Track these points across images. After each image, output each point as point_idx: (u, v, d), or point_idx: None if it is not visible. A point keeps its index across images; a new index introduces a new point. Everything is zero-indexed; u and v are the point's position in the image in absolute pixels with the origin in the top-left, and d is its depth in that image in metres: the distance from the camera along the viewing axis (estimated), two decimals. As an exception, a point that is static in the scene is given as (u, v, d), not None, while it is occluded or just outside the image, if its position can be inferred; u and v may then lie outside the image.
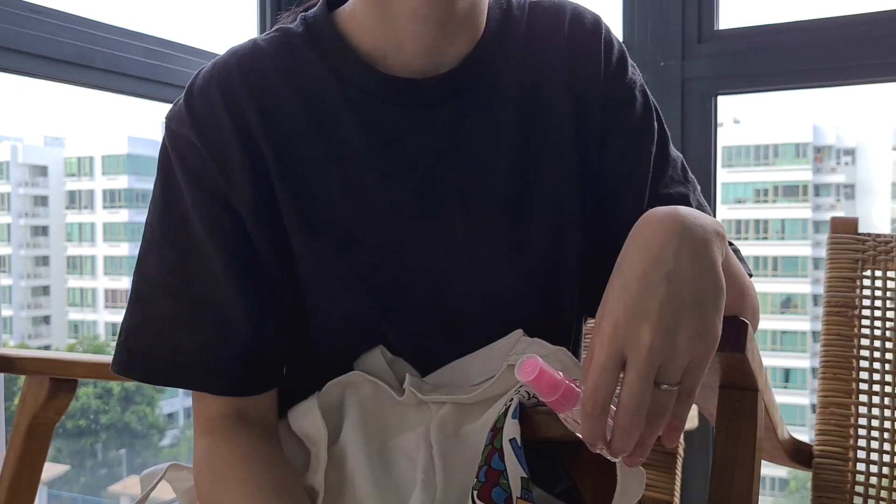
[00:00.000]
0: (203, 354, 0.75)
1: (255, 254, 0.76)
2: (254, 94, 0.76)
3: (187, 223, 0.75)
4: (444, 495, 0.71)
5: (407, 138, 0.77)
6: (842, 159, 10.41)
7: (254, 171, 0.75)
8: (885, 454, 1.09)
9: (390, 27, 0.76)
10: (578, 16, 0.81)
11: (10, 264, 12.84)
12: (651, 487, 1.14)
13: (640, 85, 0.82)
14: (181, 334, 0.75)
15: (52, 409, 1.15)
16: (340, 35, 0.78)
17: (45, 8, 1.36)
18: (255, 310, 0.76)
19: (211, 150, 0.74)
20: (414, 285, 0.78)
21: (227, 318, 0.75)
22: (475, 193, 0.78)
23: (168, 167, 0.77)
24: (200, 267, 0.75)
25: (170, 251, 0.75)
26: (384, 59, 0.77)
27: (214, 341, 0.75)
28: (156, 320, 0.75)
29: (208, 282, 0.75)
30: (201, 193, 0.75)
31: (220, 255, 0.74)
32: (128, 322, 0.77)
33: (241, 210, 0.75)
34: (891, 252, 1.14)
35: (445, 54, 0.77)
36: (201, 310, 0.75)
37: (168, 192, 0.76)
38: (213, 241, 0.74)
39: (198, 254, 0.75)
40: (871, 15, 1.44)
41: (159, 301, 0.75)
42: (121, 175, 13.91)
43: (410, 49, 0.76)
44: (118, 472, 10.04)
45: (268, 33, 0.81)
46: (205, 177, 0.75)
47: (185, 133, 0.75)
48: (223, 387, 0.76)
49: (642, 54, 1.55)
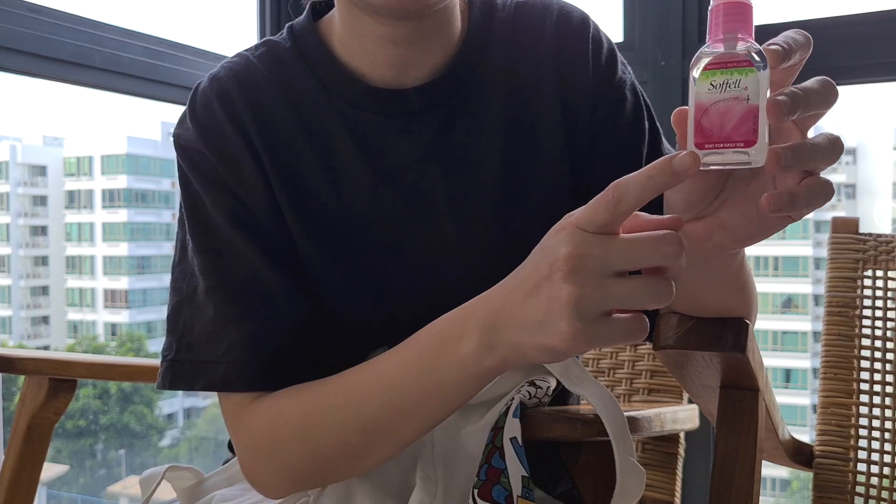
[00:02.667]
0: (254, 343, 0.73)
1: (282, 242, 0.76)
2: (250, 108, 0.77)
3: (213, 227, 0.75)
4: (445, 494, 0.71)
5: (394, 147, 0.77)
6: (843, 159, 10.41)
7: (261, 173, 0.76)
8: (886, 454, 1.09)
9: (362, 47, 0.76)
10: (566, 15, 0.81)
11: (9, 264, 12.85)
12: (651, 487, 1.14)
13: (630, 84, 0.81)
14: (230, 331, 0.74)
15: (51, 410, 1.15)
16: (325, 47, 0.79)
17: (45, 8, 1.36)
18: (294, 296, 0.75)
19: (221, 158, 0.75)
20: (408, 291, 0.78)
21: (271, 304, 0.74)
22: (464, 199, 0.78)
23: (186, 181, 0.77)
24: (234, 262, 0.75)
25: (203, 258, 0.75)
26: (363, 75, 0.78)
27: (262, 328, 0.74)
28: (207, 326, 0.74)
29: (244, 273, 0.74)
30: (220, 194, 0.75)
31: (250, 247, 0.74)
32: (180, 337, 0.76)
33: (257, 213, 0.76)
34: (892, 252, 1.14)
35: (421, 68, 0.77)
36: (244, 301, 0.74)
37: (190, 204, 0.77)
38: (241, 235, 0.75)
39: (228, 251, 0.75)
40: (871, 15, 1.44)
41: (205, 308, 0.75)
42: (120, 175, 13.93)
43: (384, 67, 0.77)
44: (117, 472, 10.05)
45: (256, 47, 0.81)
46: (219, 180, 0.76)
47: (194, 146, 0.76)
48: (275, 381, 0.74)
49: (642, 54, 1.55)
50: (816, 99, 0.51)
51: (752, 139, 0.49)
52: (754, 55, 0.50)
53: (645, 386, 1.20)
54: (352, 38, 0.77)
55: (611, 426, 0.68)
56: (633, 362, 1.22)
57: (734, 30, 0.51)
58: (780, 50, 0.51)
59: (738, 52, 0.50)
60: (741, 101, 0.49)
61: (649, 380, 1.20)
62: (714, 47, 0.51)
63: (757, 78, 0.49)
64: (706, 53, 0.51)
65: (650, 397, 1.19)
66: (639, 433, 0.78)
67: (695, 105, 0.51)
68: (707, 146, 0.50)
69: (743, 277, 0.69)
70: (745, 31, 0.51)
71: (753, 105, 0.49)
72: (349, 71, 0.77)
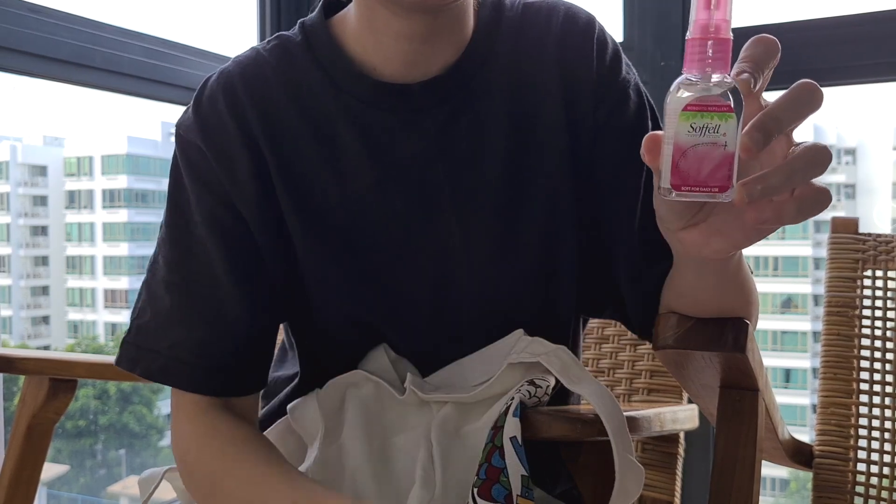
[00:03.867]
0: (200, 351, 0.76)
1: (257, 255, 0.77)
2: (256, 101, 0.77)
3: (191, 224, 0.77)
4: (444, 493, 0.71)
5: (400, 143, 0.78)
6: (842, 159, 10.41)
7: (257, 173, 0.76)
8: (886, 454, 1.09)
9: (377, 42, 0.77)
10: (572, 16, 0.81)
11: (10, 264, 12.84)
12: (651, 487, 1.14)
13: (634, 84, 0.81)
14: (180, 330, 0.76)
15: (51, 409, 1.15)
16: (335, 43, 0.79)
17: (45, 8, 1.36)
18: (253, 310, 0.77)
19: (216, 153, 0.76)
20: (411, 287, 0.79)
21: (226, 317, 0.76)
22: (468, 196, 0.78)
23: (176, 172, 0.79)
24: (201, 266, 0.76)
25: (174, 250, 0.77)
26: (374, 69, 0.78)
27: (212, 338, 0.76)
28: (158, 317, 0.77)
29: (209, 280, 0.76)
30: (205, 194, 0.76)
31: (220, 255, 0.75)
32: (135, 318, 0.78)
33: (244, 211, 0.76)
34: (891, 252, 1.14)
35: (433, 63, 0.78)
36: (200, 308, 0.76)
37: (176, 195, 0.78)
38: (214, 240, 0.75)
39: (199, 253, 0.76)
40: (871, 15, 1.43)
41: (162, 298, 0.77)
42: (120, 175, 13.92)
43: (397, 63, 0.77)
44: (117, 472, 10.04)
45: (268, 41, 0.82)
46: (209, 178, 0.76)
47: (192, 138, 0.77)
48: (218, 387, 0.77)
49: (642, 54, 1.55)
50: (791, 116, 0.51)
51: (727, 185, 0.51)
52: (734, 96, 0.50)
53: (644, 386, 1.20)
54: (367, 32, 0.77)
55: (610, 425, 0.68)
56: (632, 362, 1.22)
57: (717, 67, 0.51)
58: (751, 80, 0.51)
59: (719, 95, 0.50)
60: (719, 146, 0.50)
61: (649, 380, 1.20)
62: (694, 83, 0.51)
63: (735, 124, 0.50)
64: (687, 86, 0.51)
65: (650, 397, 1.19)
66: (638, 433, 0.78)
67: (673, 143, 0.51)
68: (683, 188, 0.51)
69: (741, 278, 0.70)
70: (724, 69, 0.51)
71: (730, 152, 0.50)
72: (358, 66, 0.78)
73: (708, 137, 0.50)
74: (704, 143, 0.50)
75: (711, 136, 0.50)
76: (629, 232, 0.77)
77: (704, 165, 0.50)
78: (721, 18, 0.52)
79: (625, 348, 1.23)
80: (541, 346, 0.75)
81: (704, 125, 0.50)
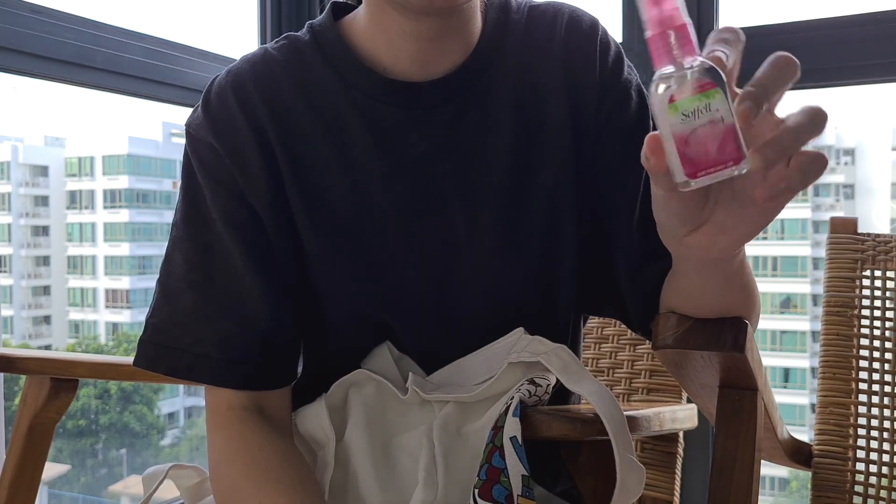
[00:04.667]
0: (224, 344, 0.76)
1: (272, 247, 0.78)
2: (265, 98, 0.78)
3: (208, 221, 0.77)
4: (446, 493, 0.71)
5: (408, 139, 0.78)
6: (841, 159, 10.40)
7: (268, 168, 0.77)
8: (885, 454, 1.09)
9: (387, 42, 0.78)
10: (576, 18, 0.82)
11: (11, 264, 12.83)
12: (651, 487, 1.14)
13: (635, 84, 0.83)
14: (203, 326, 0.76)
15: (52, 409, 1.15)
16: (345, 43, 0.80)
17: (45, 8, 1.36)
18: (274, 301, 0.77)
19: (228, 150, 0.77)
20: (416, 282, 0.80)
21: (248, 310, 0.77)
22: (474, 192, 0.79)
23: (189, 170, 0.79)
24: (221, 261, 0.77)
25: (192, 248, 0.78)
26: (383, 68, 0.79)
27: (235, 331, 0.77)
28: (180, 314, 0.77)
29: (229, 275, 0.77)
30: (219, 190, 0.77)
31: (239, 249, 0.76)
32: (153, 318, 0.79)
33: (257, 206, 0.77)
34: (890, 252, 1.14)
35: (442, 63, 0.79)
36: (222, 302, 0.77)
37: (190, 193, 0.79)
38: (231, 234, 0.76)
39: (219, 249, 0.77)
40: (871, 15, 1.44)
41: (183, 296, 0.77)
42: (121, 175, 13.91)
43: (407, 62, 0.78)
44: (118, 471, 10.03)
45: (277, 40, 0.83)
46: (222, 175, 0.77)
47: (203, 136, 0.78)
48: (243, 379, 0.77)
49: (642, 55, 1.55)
50: (774, 85, 0.52)
51: (740, 155, 0.50)
52: (712, 73, 0.50)
53: (644, 385, 1.20)
54: (377, 32, 0.78)
55: (610, 424, 0.69)
56: (632, 362, 1.22)
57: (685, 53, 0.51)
58: (724, 55, 0.52)
59: (698, 76, 0.50)
60: (717, 122, 0.50)
61: (648, 379, 1.20)
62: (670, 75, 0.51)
63: (723, 96, 0.50)
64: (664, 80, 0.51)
65: (649, 397, 1.19)
66: (638, 432, 0.78)
67: (672, 136, 0.51)
68: (699, 174, 0.51)
69: (744, 278, 0.70)
70: (692, 52, 0.51)
71: (730, 124, 0.50)
72: (367, 64, 0.79)
73: (703, 118, 0.50)
74: (702, 123, 0.50)
75: (706, 116, 0.50)
76: (628, 230, 0.78)
77: (710, 144, 0.50)
78: (671, 8, 0.52)
79: (624, 348, 1.23)
80: (541, 346, 0.76)
81: (695, 108, 0.50)
